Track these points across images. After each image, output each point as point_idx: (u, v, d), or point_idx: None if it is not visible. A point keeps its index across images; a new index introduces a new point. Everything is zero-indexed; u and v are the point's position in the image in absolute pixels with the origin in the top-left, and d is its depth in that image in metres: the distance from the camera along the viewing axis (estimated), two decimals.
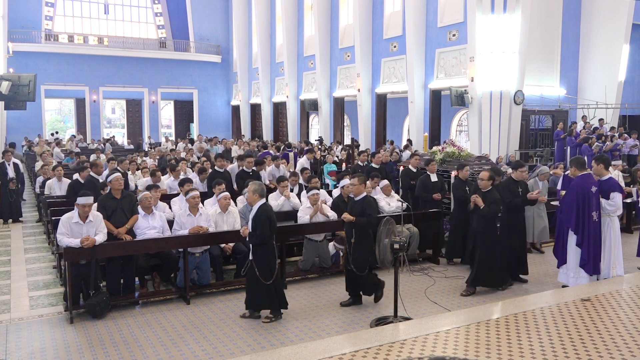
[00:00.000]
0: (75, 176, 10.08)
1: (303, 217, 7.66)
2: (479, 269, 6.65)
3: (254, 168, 9.97)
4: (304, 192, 8.83)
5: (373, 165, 10.52)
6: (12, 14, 26.65)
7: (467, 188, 7.85)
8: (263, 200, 5.89)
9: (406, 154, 15.69)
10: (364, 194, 6.29)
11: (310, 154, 12.97)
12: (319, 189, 8.15)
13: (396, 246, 5.47)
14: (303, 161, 12.55)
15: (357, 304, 6.31)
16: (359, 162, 11.48)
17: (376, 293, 6.32)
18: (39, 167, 13.43)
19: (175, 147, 19.63)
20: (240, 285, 6.83)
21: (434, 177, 8.81)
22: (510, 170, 7.76)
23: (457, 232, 8.07)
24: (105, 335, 5.47)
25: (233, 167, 10.31)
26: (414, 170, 9.54)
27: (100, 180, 9.12)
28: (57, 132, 31.48)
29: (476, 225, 6.72)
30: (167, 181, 10.01)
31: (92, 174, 9.39)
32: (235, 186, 9.60)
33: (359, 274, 6.05)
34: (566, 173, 8.19)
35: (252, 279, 5.80)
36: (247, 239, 5.84)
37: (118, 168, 9.97)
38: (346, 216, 6.11)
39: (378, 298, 6.33)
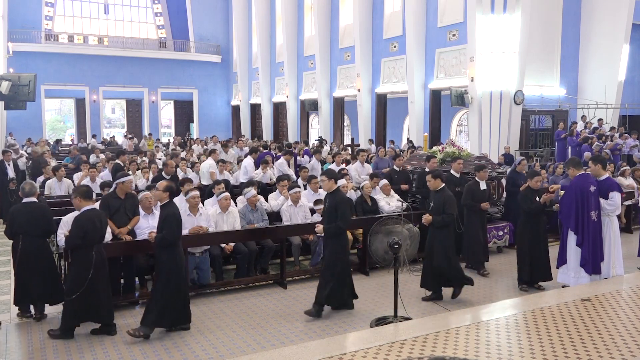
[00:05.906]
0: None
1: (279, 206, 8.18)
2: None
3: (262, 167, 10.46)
4: (305, 191, 8.85)
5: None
6: (12, 14, 26.62)
7: (538, 198, 6.87)
8: (89, 206, 5.48)
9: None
10: (86, 207, 5.42)
11: (288, 155, 12.03)
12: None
13: (390, 246, 5.46)
14: (282, 161, 11.39)
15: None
16: (396, 167, 10.04)
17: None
18: None
19: (190, 147, 19.38)
20: (240, 285, 6.84)
21: (483, 185, 7.86)
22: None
23: (526, 254, 6.95)
24: (106, 335, 5.47)
25: (249, 163, 10.72)
26: (457, 175, 8.47)
27: (101, 181, 9.20)
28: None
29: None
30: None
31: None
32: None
33: (67, 299, 5.33)
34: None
35: None
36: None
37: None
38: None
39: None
